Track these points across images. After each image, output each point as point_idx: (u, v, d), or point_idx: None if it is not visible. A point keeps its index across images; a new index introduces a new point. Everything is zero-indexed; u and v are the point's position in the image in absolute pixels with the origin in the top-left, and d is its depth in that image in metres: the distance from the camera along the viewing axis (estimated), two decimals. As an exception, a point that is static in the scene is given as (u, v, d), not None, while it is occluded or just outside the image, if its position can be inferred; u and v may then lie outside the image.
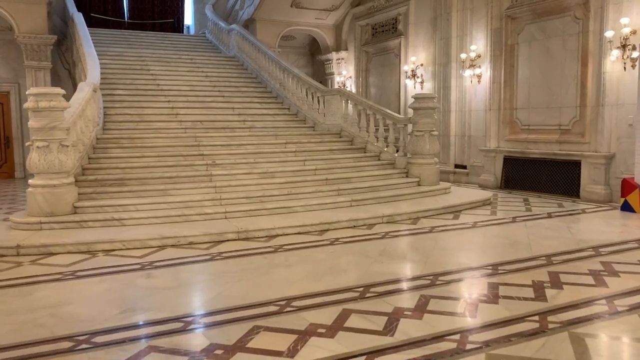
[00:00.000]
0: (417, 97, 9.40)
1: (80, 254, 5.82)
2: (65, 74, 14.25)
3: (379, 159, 9.95)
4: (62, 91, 6.84)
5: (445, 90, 12.15)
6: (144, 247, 6.06)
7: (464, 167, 12.04)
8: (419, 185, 9.26)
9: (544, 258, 5.47)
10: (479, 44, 11.45)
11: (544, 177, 10.17)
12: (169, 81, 12.15)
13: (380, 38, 14.68)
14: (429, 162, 9.40)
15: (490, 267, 5.16)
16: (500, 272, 5.00)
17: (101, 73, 11.39)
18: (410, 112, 10.12)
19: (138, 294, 4.45)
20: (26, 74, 12.92)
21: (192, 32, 19.82)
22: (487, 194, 9.43)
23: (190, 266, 5.37)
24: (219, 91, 12.17)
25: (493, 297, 4.26)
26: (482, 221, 7.51)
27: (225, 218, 7.02)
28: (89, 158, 8.10)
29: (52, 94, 6.65)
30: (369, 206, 7.91)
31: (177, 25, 19.41)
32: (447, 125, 12.16)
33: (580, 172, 9.44)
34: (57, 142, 6.71)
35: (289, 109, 12.07)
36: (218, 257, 5.68)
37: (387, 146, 10.08)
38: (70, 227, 6.56)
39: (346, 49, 16.20)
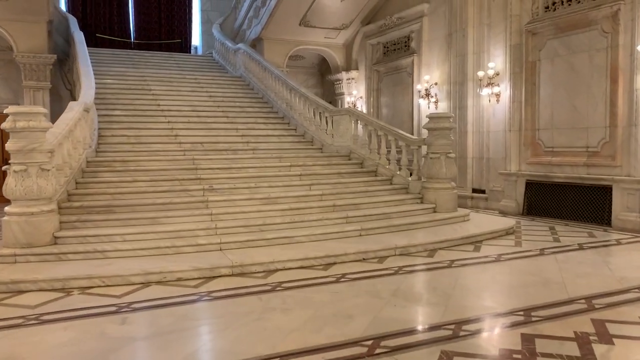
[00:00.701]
0: (432, 117, 8.72)
1: (53, 292, 5.15)
2: (67, 94, 13.80)
3: (391, 183, 9.24)
4: (44, 110, 6.26)
5: (461, 110, 11.46)
6: (126, 284, 5.38)
7: (483, 191, 11.27)
8: (435, 211, 8.52)
9: (583, 301, 4.70)
10: (497, 61, 10.78)
11: (570, 203, 9.38)
12: (170, 101, 11.62)
13: (392, 57, 14.09)
14: (446, 186, 8.67)
15: (522, 313, 4.39)
16: (534, 319, 4.23)
17: (100, 93, 10.94)
18: (425, 133, 9.45)
19: (104, 347, 3.74)
20: (24, 94, 12.50)
21: (199, 52, 19.44)
22: (509, 221, 8.65)
23: (173, 309, 4.66)
24: (222, 111, 11.61)
25: (530, 354, 3.50)
26: (507, 254, 6.73)
27: (220, 250, 6.33)
28: (76, 182, 7.49)
29: (31, 113, 6.07)
30: (380, 236, 7.17)
31: (184, 46, 19.04)
32: (463, 147, 11.43)
33: (611, 198, 8.64)
34: (37, 165, 6.10)
35: (295, 129, 11.45)
36: (206, 298, 4.97)
37: (399, 169, 9.38)
38: (48, 260, 5.91)
39: (357, 69, 15.62)
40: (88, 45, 16.41)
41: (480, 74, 10.95)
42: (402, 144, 9.30)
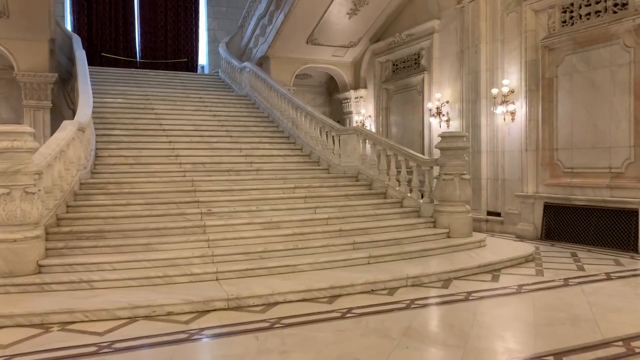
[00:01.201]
0: (444, 136, 8.24)
1: (30, 328, 4.68)
2: (70, 114, 13.48)
3: (401, 206, 8.73)
4: (30, 129, 5.87)
5: (474, 129, 10.97)
6: (111, 319, 4.89)
7: (498, 214, 10.72)
8: (449, 237, 7.99)
9: (620, 343, 4.15)
10: (511, 78, 10.32)
11: (592, 227, 8.81)
12: (173, 121, 11.26)
13: (402, 74, 13.69)
14: (460, 210, 8.15)
15: (552, 358, 3.85)
16: (567, 366, 3.69)
17: (100, 112, 10.63)
18: (437, 153, 8.98)
19: (72, 400, 3.26)
20: (24, 114, 12.21)
21: (206, 71, 19.20)
22: (528, 248, 8.09)
23: (159, 350, 4.17)
24: (226, 131, 11.22)
25: (567, 414, 2.96)
26: (528, 284, 6.18)
27: (216, 279, 5.84)
28: (67, 206, 7.07)
29: (15, 133, 5.68)
30: (391, 264, 6.65)
31: (190, 65, 18.83)
32: (477, 168, 10.92)
33: (637, 222, 8.08)
34: (21, 188, 5.68)
35: (301, 149, 11.02)
36: (196, 336, 4.48)
37: (410, 191, 8.88)
38: (30, 291, 5.45)
39: (365, 87, 15.24)
40: (93, 64, 16.33)
41: (494, 91, 10.50)
42: (413, 165, 8.82)
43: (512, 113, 10.28)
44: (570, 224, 9.17)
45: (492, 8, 10.78)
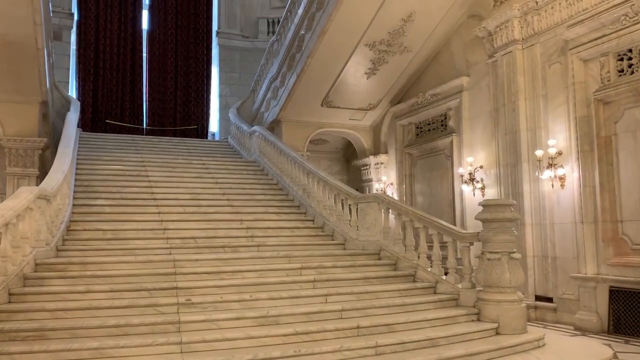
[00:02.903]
0: (487, 205, 6.64)
1: None
2: (62, 183, 12.32)
3: (435, 292, 7.01)
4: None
5: (516, 198, 9.34)
6: None
7: (550, 299, 8.88)
8: (498, 333, 6.20)
9: None
10: (558, 138, 8.82)
11: (679, 319, 6.95)
12: (168, 189, 9.90)
13: (427, 137, 12.31)
14: (511, 298, 6.39)
15: None
16: None
17: (87, 179, 9.44)
18: (473, 226, 7.37)
19: None
20: (7, 182, 11.00)
21: (217, 139, 18.13)
22: (604, 351, 6.23)
23: None
24: (227, 200, 9.79)
25: None
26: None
27: (184, 405, 4.16)
28: (9, 294, 5.53)
29: None
30: (426, 377, 4.90)
31: (200, 132, 17.80)
32: (521, 243, 9.19)
33: None
34: None
35: (313, 220, 9.49)
36: None
37: (445, 273, 7.18)
38: None
39: (386, 152, 13.86)
40: (96, 131, 15.38)
41: (539, 153, 8.97)
42: (448, 240, 7.17)
43: (562, 178, 8.70)
44: (648, 315, 7.32)
45: (530, 60, 9.47)
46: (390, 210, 8.10)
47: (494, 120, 10.16)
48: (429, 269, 7.31)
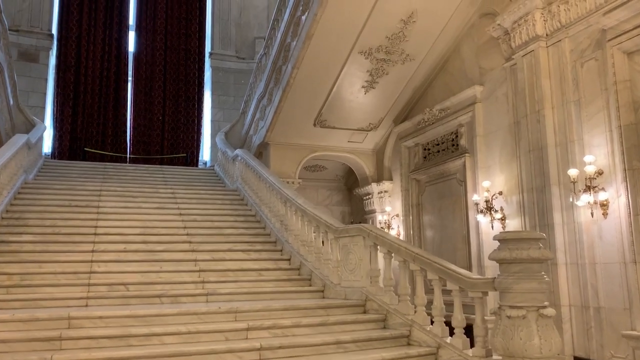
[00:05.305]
0: (505, 239, 4.71)
1: None
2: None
3: (435, 361, 5.05)
4: None
5: (544, 230, 7.35)
6: None
7: (594, 363, 6.80)
8: None
9: None
10: (597, 153, 6.90)
11: None
12: (116, 221, 8.20)
13: (436, 160, 10.44)
14: (543, 376, 4.40)
15: None
16: None
17: (23, 210, 7.91)
18: (492, 267, 5.43)
19: None
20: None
21: (208, 166, 16.50)
22: None
23: None
24: (187, 234, 8.03)
25: None
26: None
27: None
28: None
29: None
30: None
31: (190, 161, 16.16)
32: (553, 288, 7.17)
33: None
34: None
35: (289, 260, 7.64)
36: None
37: (451, 334, 5.22)
38: None
39: (390, 179, 12.02)
40: (74, 160, 13.89)
41: (572, 173, 7.03)
42: (454, 289, 5.23)
43: (604, 204, 6.73)
44: None
45: (557, 59, 7.64)
46: (378, 247, 6.19)
47: (515, 136, 8.29)
48: (427, 328, 5.36)
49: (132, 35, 16.29)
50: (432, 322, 5.42)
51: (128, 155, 15.58)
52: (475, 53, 9.50)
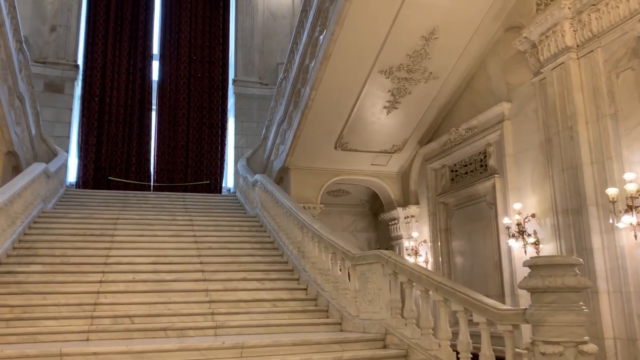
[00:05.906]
0: (536, 265, 4.20)
1: None
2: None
3: (462, 406, 4.50)
4: None
5: (582, 255, 6.74)
6: None
7: (646, 404, 6.08)
8: None
9: None
10: (638, 170, 6.31)
11: None
12: (129, 251, 7.94)
13: (464, 182, 9.92)
14: None
15: None
16: None
17: (32, 240, 7.80)
18: (525, 296, 4.89)
19: None
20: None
21: (231, 193, 16.28)
22: None
23: None
24: (200, 263, 7.70)
25: None
26: None
27: None
28: None
29: None
30: None
31: (213, 188, 15.97)
32: (595, 319, 6.53)
33: None
34: None
35: (306, 290, 7.21)
36: None
37: (479, 372, 4.68)
38: None
39: (417, 203, 11.51)
40: (99, 189, 13.86)
41: (612, 192, 6.44)
42: (481, 321, 4.70)
43: (649, 226, 6.12)
44: None
45: (590, 71, 7.13)
46: (398, 276, 5.71)
47: (547, 154, 7.75)
48: (453, 366, 4.82)
49: (155, 64, 16.37)
50: (458, 359, 4.89)
51: (152, 184, 15.49)
52: (501, 69, 9.05)
